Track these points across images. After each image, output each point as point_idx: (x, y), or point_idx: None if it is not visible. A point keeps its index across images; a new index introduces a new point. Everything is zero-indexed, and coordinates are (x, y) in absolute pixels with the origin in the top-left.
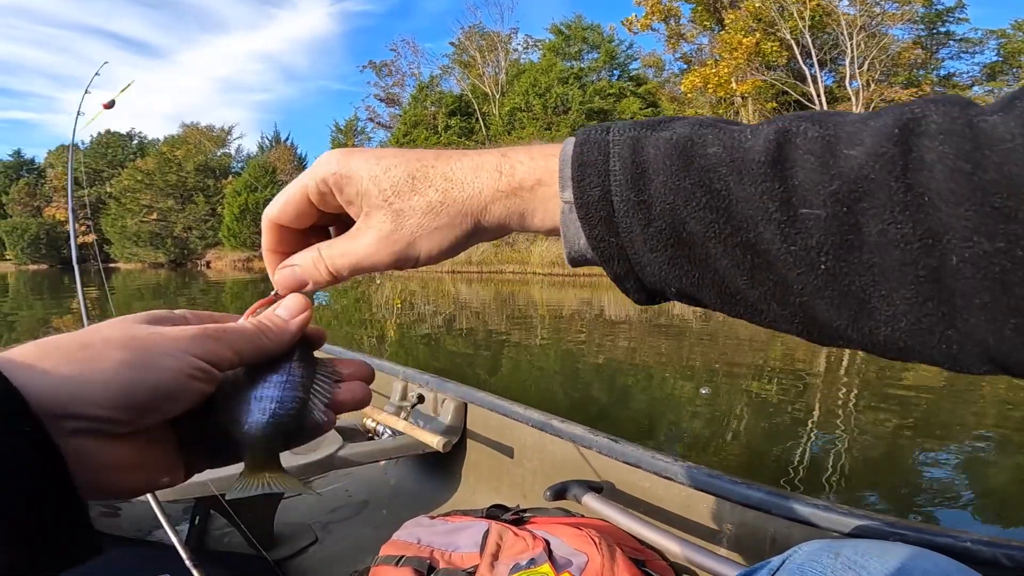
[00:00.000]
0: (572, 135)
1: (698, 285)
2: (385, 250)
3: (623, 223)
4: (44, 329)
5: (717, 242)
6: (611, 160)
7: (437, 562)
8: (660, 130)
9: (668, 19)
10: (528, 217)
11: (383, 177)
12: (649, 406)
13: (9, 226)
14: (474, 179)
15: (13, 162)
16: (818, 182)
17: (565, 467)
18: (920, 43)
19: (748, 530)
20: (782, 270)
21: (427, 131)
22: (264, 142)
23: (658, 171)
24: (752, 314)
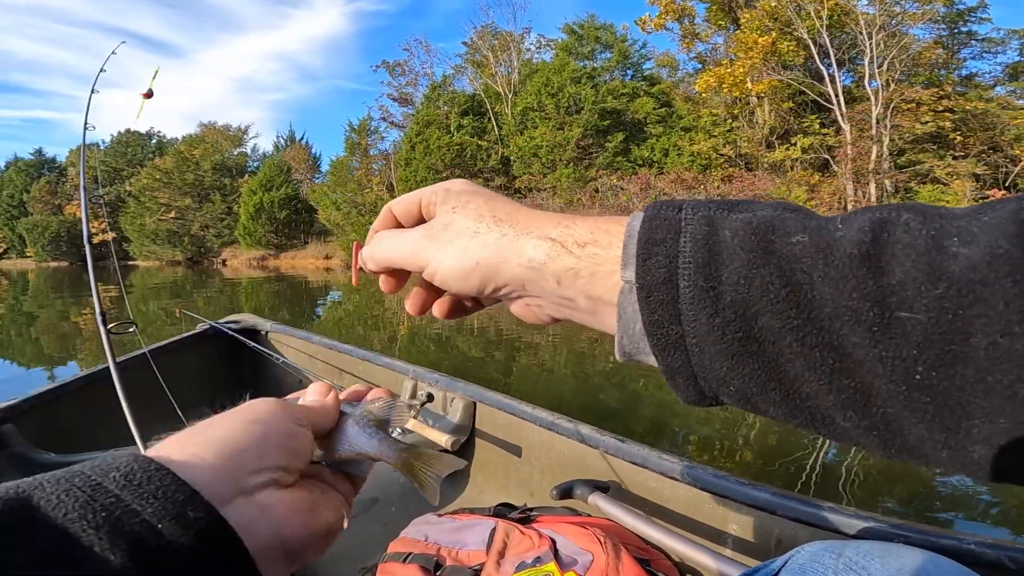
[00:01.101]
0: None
1: (763, 387)
2: (412, 248)
3: (687, 311)
4: (63, 324)
5: (793, 340)
6: (681, 239)
7: (444, 559)
8: (738, 211)
9: (682, 18)
10: (569, 277)
11: (463, 197)
12: (660, 408)
13: (30, 223)
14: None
15: (35, 160)
16: (921, 283)
17: (572, 466)
18: (941, 43)
19: (753, 531)
20: (868, 377)
21: (439, 131)
22: (279, 141)
23: (733, 256)
24: (821, 424)
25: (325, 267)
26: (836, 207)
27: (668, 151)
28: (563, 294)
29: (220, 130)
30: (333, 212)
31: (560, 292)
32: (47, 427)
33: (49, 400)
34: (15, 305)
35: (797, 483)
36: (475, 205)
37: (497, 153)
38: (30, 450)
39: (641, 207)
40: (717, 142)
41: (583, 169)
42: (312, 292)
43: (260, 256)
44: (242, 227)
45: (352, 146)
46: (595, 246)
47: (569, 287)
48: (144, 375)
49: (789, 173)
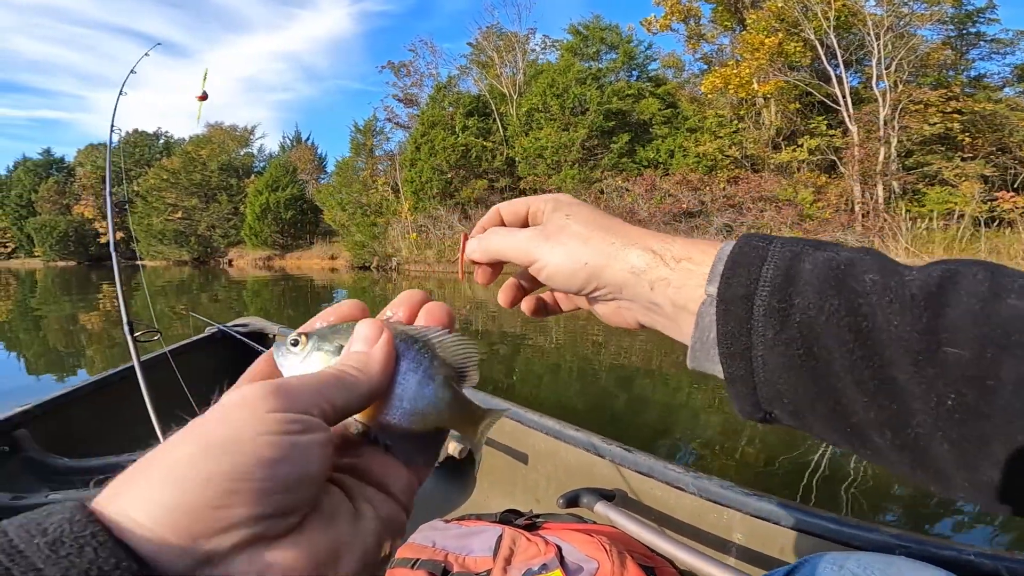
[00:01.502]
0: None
1: (812, 401)
2: (525, 244)
3: (757, 325)
4: (72, 328)
5: (847, 361)
6: (765, 266)
7: (451, 565)
8: (824, 250)
9: (688, 19)
10: (662, 285)
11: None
12: (664, 412)
13: (38, 223)
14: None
15: (43, 160)
16: (971, 324)
17: (578, 474)
18: (950, 44)
19: (757, 541)
20: (906, 399)
21: (445, 131)
22: (285, 142)
23: (807, 285)
24: (859, 441)
25: (330, 267)
26: (843, 208)
27: (674, 152)
28: (653, 299)
29: (227, 130)
30: (338, 212)
31: (651, 297)
32: (60, 432)
33: (62, 405)
34: (23, 305)
35: (799, 487)
36: (586, 215)
37: (502, 154)
38: (43, 455)
39: (646, 207)
40: (723, 143)
41: (588, 170)
42: (317, 293)
43: (266, 256)
44: (248, 227)
45: (357, 147)
46: (689, 262)
47: (660, 294)
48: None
49: (795, 174)
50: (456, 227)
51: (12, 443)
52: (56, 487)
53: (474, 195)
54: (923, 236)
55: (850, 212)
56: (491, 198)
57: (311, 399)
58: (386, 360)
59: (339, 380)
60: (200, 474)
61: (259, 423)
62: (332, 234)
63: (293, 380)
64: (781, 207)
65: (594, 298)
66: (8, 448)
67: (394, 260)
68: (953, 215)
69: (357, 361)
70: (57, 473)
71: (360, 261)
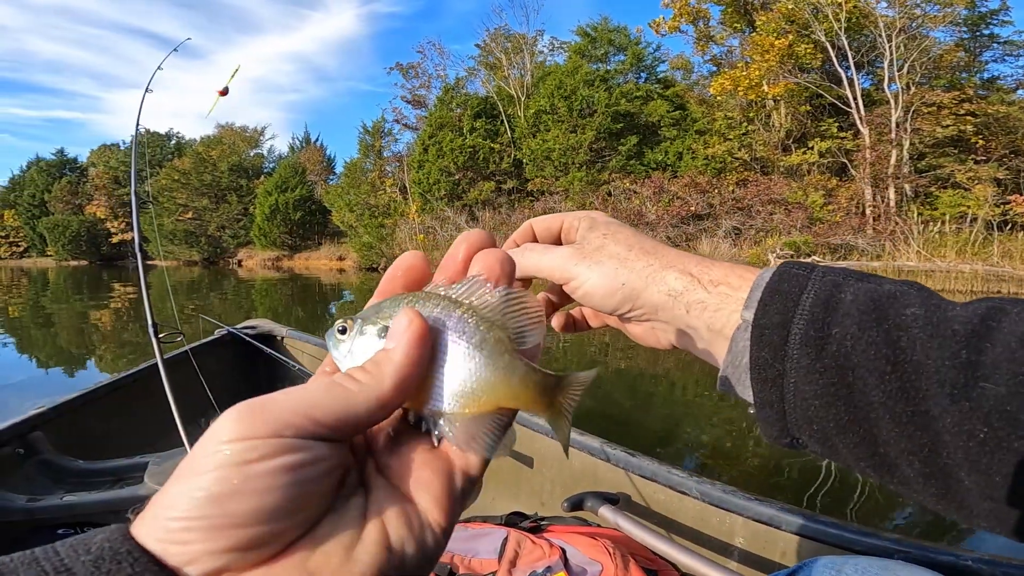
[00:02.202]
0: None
1: (843, 428)
2: (562, 263)
3: (792, 352)
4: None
5: (882, 393)
6: (804, 295)
7: (457, 567)
8: (866, 281)
9: (697, 21)
10: (698, 308)
11: (611, 226)
12: (670, 414)
13: (51, 223)
14: (667, 255)
15: (56, 160)
16: (1010, 362)
17: (583, 478)
18: (963, 46)
19: (759, 545)
20: (939, 431)
21: (452, 133)
22: (295, 143)
23: (847, 316)
24: (886, 470)
25: (338, 268)
26: (854, 211)
27: (682, 154)
28: (689, 323)
29: (237, 131)
30: (346, 213)
31: (687, 320)
32: (74, 434)
33: (76, 407)
34: (35, 304)
35: (805, 491)
36: (624, 236)
37: (510, 156)
38: (58, 457)
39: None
40: (732, 145)
41: (596, 172)
42: (325, 294)
43: (275, 257)
44: (257, 228)
45: (366, 148)
46: (726, 287)
47: (696, 317)
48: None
49: (806, 177)
50: (464, 228)
51: (28, 446)
52: (71, 489)
53: (481, 197)
54: (935, 240)
55: (861, 215)
56: (498, 199)
57: (284, 418)
58: (408, 353)
59: (328, 392)
60: (166, 509)
61: (214, 455)
62: (340, 235)
63: (272, 397)
64: (791, 210)
65: (628, 318)
66: (24, 451)
67: None
68: (966, 218)
69: (369, 363)
70: (72, 475)
71: (368, 262)
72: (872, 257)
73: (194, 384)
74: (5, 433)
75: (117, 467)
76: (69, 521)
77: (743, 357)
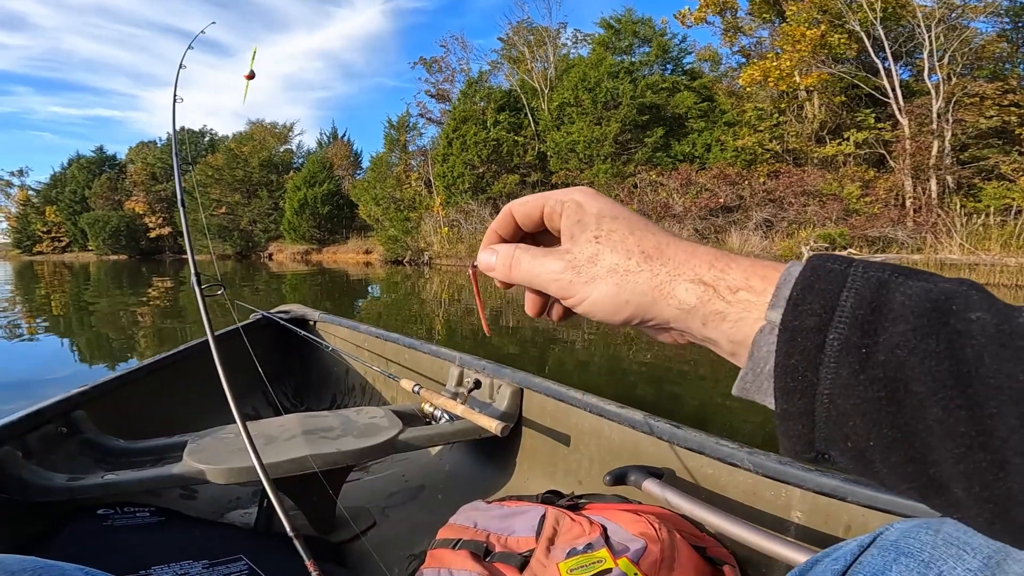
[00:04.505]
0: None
1: (888, 448)
2: (557, 278)
3: (829, 361)
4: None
5: (940, 410)
6: (844, 294)
7: (493, 546)
8: (916, 279)
9: (724, 11)
10: (716, 320)
11: (604, 222)
12: (699, 407)
13: (92, 218)
14: (676, 256)
15: (96, 158)
16: None
17: (623, 453)
18: (1005, 36)
19: (820, 518)
20: (1007, 454)
21: (476, 126)
22: (322, 138)
23: (899, 320)
24: (933, 491)
25: (365, 261)
26: (893, 203)
27: (710, 146)
28: (707, 335)
29: (267, 127)
30: (373, 207)
31: (704, 333)
32: (114, 414)
33: (116, 387)
34: (78, 296)
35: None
36: (620, 236)
37: (534, 148)
38: (100, 436)
39: (681, 202)
40: (763, 137)
41: (621, 164)
42: (353, 286)
43: (304, 250)
44: (287, 222)
45: (391, 142)
46: (748, 292)
47: (714, 330)
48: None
49: (841, 169)
50: (488, 222)
51: (70, 424)
52: (111, 468)
53: (506, 190)
54: (979, 232)
55: (901, 207)
56: (523, 192)
57: None
58: None
59: None
60: None
61: None
62: (367, 229)
63: None
64: (825, 202)
65: (640, 328)
66: (66, 429)
67: (426, 255)
68: (1011, 211)
69: None
70: (112, 454)
71: (393, 255)
72: (912, 250)
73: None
74: (48, 411)
75: (157, 446)
76: (108, 501)
77: (766, 363)
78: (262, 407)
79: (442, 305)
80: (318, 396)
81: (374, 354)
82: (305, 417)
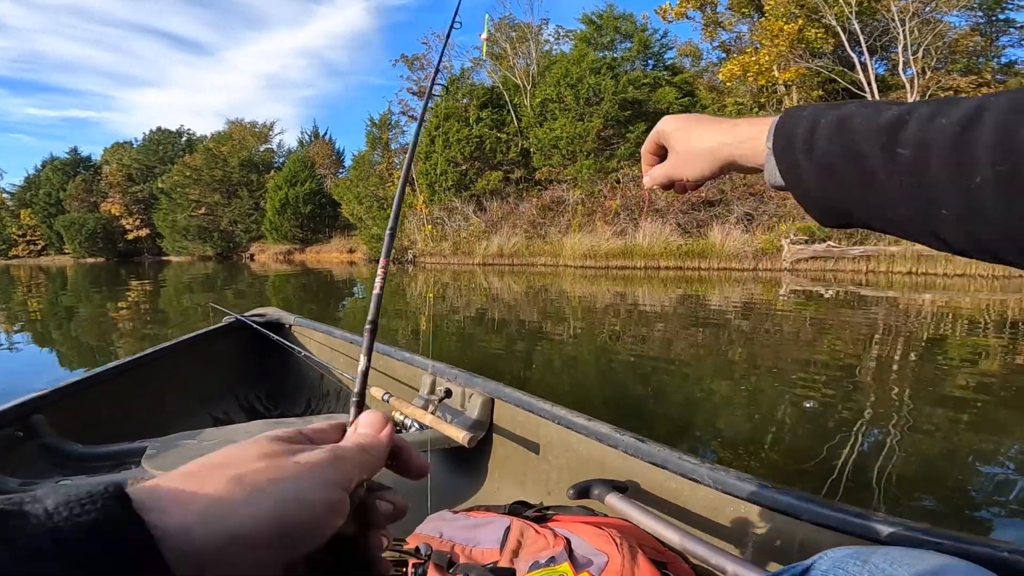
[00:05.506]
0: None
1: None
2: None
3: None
4: (103, 320)
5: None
6: (798, 126)
7: (458, 556)
8: (837, 109)
9: (704, 7)
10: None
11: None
12: (685, 404)
13: (67, 221)
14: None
15: (70, 159)
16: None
17: (590, 465)
18: (979, 30)
19: (775, 535)
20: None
21: (459, 123)
22: (304, 137)
23: (823, 130)
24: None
25: (349, 260)
26: None
27: None
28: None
29: (247, 127)
30: (356, 206)
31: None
32: (76, 418)
33: (79, 391)
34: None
35: (828, 482)
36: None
37: (516, 145)
38: (58, 441)
39: (664, 197)
40: None
41: (604, 160)
42: (337, 286)
43: (286, 250)
44: (268, 222)
45: (373, 140)
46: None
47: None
48: (174, 365)
49: None
50: (471, 218)
51: (27, 428)
52: (68, 473)
53: (489, 186)
54: None
55: None
56: (506, 189)
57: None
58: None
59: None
60: None
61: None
62: (350, 228)
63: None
64: None
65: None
66: (23, 433)
67: (410, 253)
68: None
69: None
70: (70, 459)
71: (376, 254)
72: (889, 242)
73: (202, 369)
74: (5, 415)
75: (116, 452)
76: None
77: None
78: (234, 411)
79: (426, 303)
80: (293, 401)
81: (350, 359)
82: (272, 423)
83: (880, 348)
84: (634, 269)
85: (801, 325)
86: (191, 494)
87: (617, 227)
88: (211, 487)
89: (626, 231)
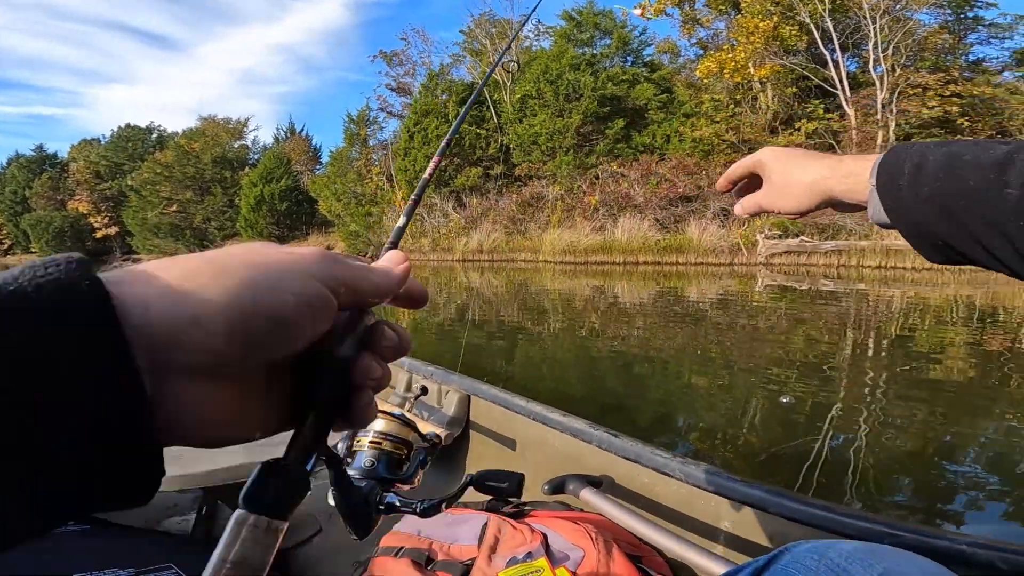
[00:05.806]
0: None
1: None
2: (766, 200)
3: (904, 195)
4: None
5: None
6: (904, 163)
7: (436, 554)
8: (945, 147)
9: (682, 3)
10: (849, 193)
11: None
12: (663, 397)
13: (33, 219)
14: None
15: (36, 157)
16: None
17: (567, 461)
18: (947, 28)
19: (745, 528)
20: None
21: (438, 120)
22: (279, 134)
23: (931, 167)
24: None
25: None
26: None
27: (669, 137)
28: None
29: (220, 123)
30: (333, 203)
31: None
32: None
33: None
34: None
35: (800, 475)
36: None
37: (496, 141)
38: None
39: (642, 192)
40: (719, 128)
41: (583, 156)
42: None
43: None
44: (243, 219)
45: (351, 136)
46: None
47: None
48: None
49: None
50: (451, 215)
51: None
52: None
53: (468, 183)
54: None
55: None
56: (486, 185)
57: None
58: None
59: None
60: None
61: None
62: (328, 225)
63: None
64: None
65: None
66: None
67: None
68: None
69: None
70: None
71: (355, 251)
72: (860, 236)
73: None
74: None
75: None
76: None
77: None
78: None
79: None
80: None
81: None
82: None
83: (852, 340)
84: (613, 264)
85: (776, 319)
86: (159, 275)
87: (596, 223)
88: (181, 268)
89: (605, 227)
